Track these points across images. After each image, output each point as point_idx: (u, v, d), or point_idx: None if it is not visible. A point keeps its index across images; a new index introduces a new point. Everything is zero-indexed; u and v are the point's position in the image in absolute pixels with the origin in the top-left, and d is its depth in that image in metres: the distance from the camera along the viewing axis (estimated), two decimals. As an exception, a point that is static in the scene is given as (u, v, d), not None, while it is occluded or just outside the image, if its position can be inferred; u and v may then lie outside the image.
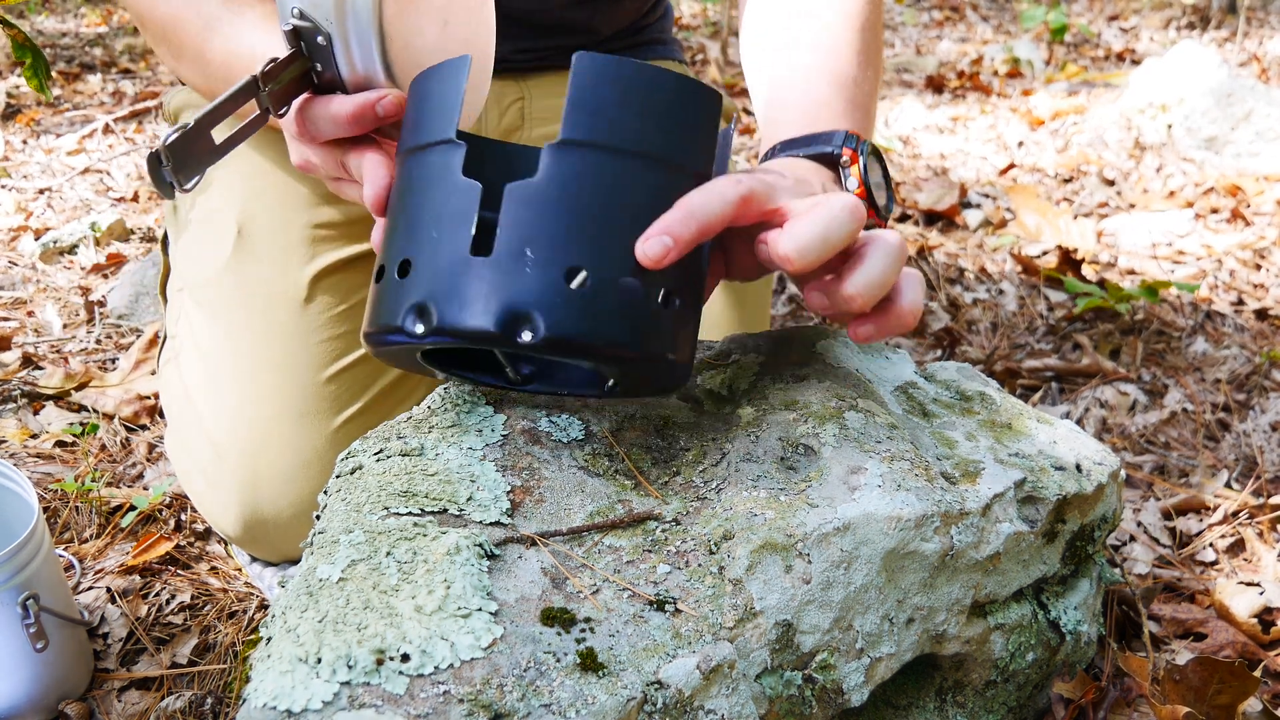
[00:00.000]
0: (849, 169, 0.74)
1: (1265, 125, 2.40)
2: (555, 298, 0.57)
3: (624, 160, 0.59)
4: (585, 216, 0.58)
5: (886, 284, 0.61)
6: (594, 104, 0.58)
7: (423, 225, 0.59)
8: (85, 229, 1.78)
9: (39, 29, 3.44)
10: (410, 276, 0.59)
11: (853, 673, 0.61)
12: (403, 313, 0.58)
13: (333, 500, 0.63)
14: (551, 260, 0.57)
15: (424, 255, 0.59)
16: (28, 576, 0.81)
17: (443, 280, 0.57)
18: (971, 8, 4.66)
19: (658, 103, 0.60)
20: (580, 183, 0.58)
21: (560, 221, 0.57)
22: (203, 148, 0.67)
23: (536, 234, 0.57)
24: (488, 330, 0.56)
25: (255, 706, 0.49)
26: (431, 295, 0.58)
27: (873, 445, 0.66)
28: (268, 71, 0.66)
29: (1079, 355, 1.53)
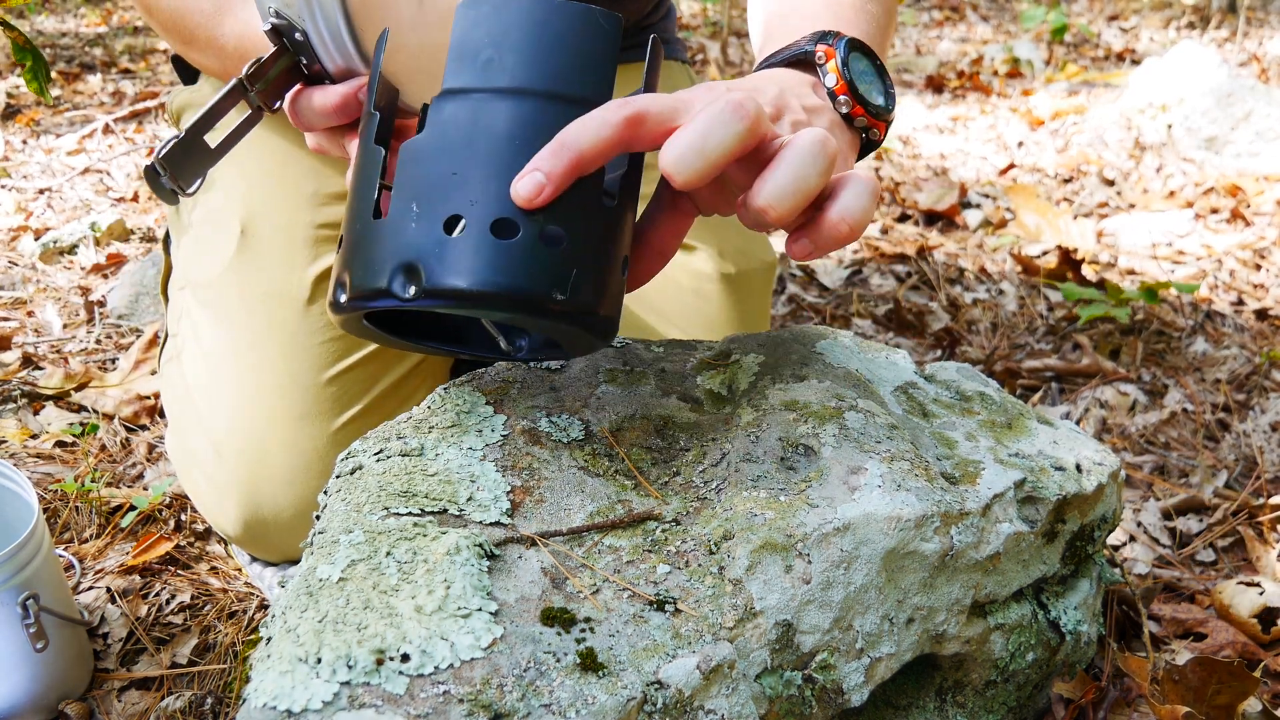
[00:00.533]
0: (825, 65, 0.67)
1: (1265, 125, 2.40)
2: (434, 248, 0.55)
3: (501, 100, 0.57)
4: (466, 163, 0.56)
5: (805, 190, 0.54)
6: (470, 48, 0.58)
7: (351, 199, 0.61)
8: (85, 229, 1.78)
9: (39, 29, 3.43)
10: (340, 249, 0.60)
11: (853, 673, 0.61)
12: (333, 285, 0.60)
13: (333, 500, 0.63)
14: (433, 211, 0.56)
15: (346, 226, 0.60)
16: (28, 576, 0.81)
17: (354, 248, 0.58)
18: (971, 8, 4.66)
19: (537, 35, 0.58)
20: (457, 130, 0.57)
21: (441, 171, 0.56)
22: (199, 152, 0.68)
23: (421, 188, 0.56)
24: (379, 288, 0.56)
25: (255, 706, 0.49)
26: (346, 264, 0.59)
27: (873, 445, 0.66)
28: (253, 72, 0.68)
29: (1079, 355, 1.53)
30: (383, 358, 0.98)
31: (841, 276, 1.81)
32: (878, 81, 0.69)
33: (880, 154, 2.51)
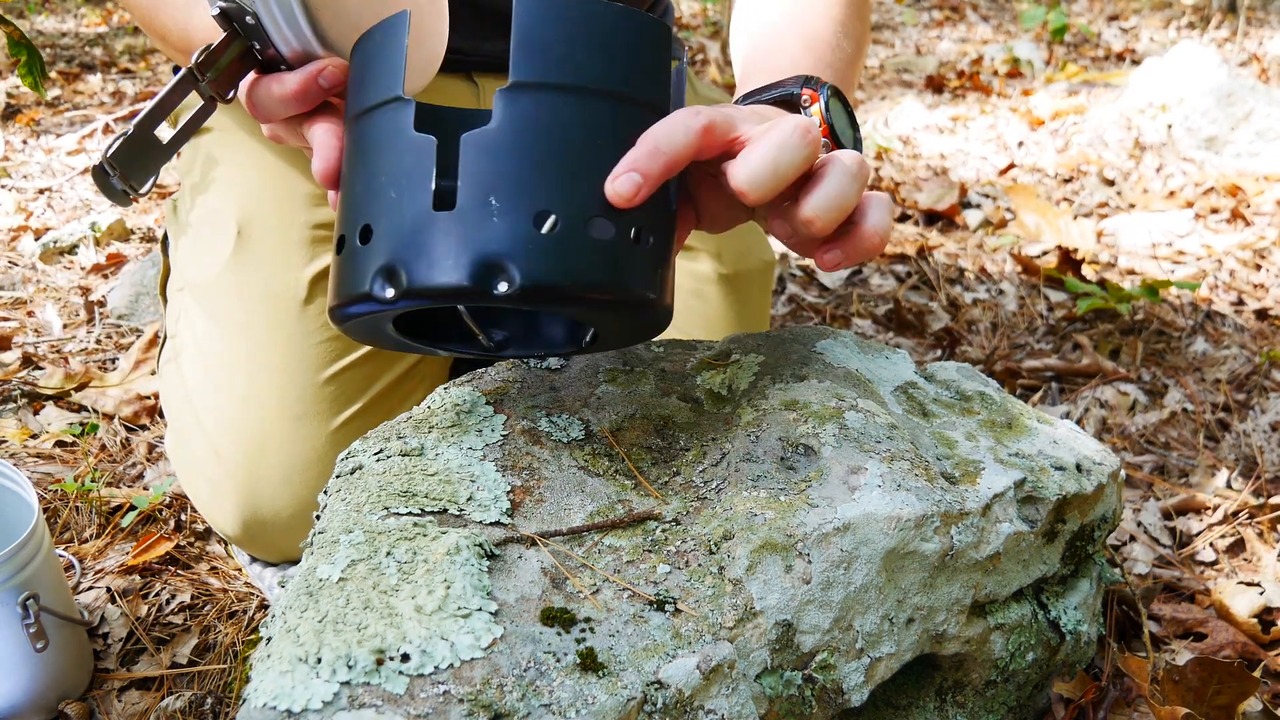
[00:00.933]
0: (809, 108, 0.71)
1: (1265, 125, 2.40)
2: (527, 244, 0.55)
3: (577, 98, 0.57)
4: (547, 158, 0.56)
5: (846, 204, 0.58)
6: (540, 43, 0.57)
7: (379, 188, 0.57)
8: (85, 229, 1.78)
9: (39, 29, 3.43)
10: (373, 241, 0.57)
11: (853, 673, 0.61)
12: (369, 278, 0.56)
13: (333, 500, 0.63)
14: (518, 206, 0.55)
15: (385, 217, 0.57)
16: (28, 576, 0.81)
17: (407, 240, 0.55)
18: (971, 8, 4.66)
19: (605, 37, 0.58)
20: (537, 125, 0.56)
21: (522, 166, 0.55)
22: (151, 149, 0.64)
23: (498, 181, 0.55)
24: (461, 285, 0.54)
25: (255, 706, 0.49)
26: (397, 257, 0.56)
27: (873, 445, 0.66)
28: (203, 61, 0.64)
29: (1079, 355, 1.53)
30: (380, 357, 0.98)
31: (841, 276, 1.81)
32: (850, 129, 0.74)
33: (880, 154, 2.52)
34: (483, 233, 0.55)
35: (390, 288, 0.56)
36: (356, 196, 0.59)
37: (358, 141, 0.60)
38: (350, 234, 0.58)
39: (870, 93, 3.16)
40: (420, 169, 0.56)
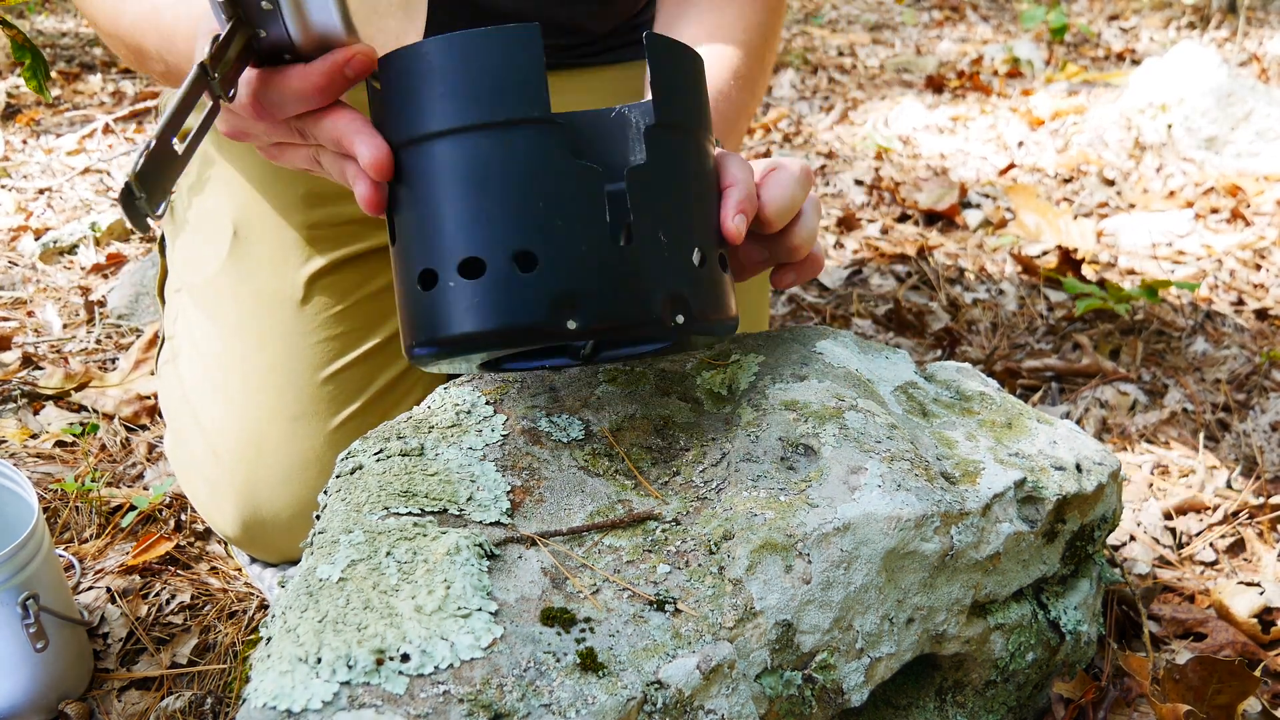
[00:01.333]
0: None
1: (1265, 125, 2.40)
2: (693, 279, 0.59)
3: (693, 137, 0.62)
4: (689, 196, 0.60)
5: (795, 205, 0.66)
6: (671, 86, 0.60)
7: (535, 213, 0.55)
8: (85, 229, 1.78)
9: (39, 29, 3.43)
10: (540, 270, 0.55)
11: (853, 673, 0.61)
12: (543, 308, 0.55)
13: (333, 500, 0.63)
14: (682, 243, 0.59)
15: (552, 246, 0.55)
16: (28, 576, 0.81)
17: (591, 272, 0.56)
18: (971, 7, 4.65)
19: (699, 77, 0.63)
20: (680, 164, 0.60)
21: (677, 203, 0.59)
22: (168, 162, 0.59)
23: (664, 218, 0.58)
24: (648, 319, 0.57)
25: (255, 706, 0.49)
26: (577, 289, 0.56)
27: (873, 445, 0.66)
28: (215, 54, 0.57)
29: (1079, 355, 1.53)
30: (378, 357, 0.98)
31: (841, 276, 1.81)
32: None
33: (880, 154, 2.52)
34: (662, 269, 0.58)
35: (575, 320, 0.56)
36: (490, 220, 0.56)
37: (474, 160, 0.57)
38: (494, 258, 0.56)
39: (870, 93, 3.16)
40: (591, 199, 0.56)
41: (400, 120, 0.58)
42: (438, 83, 0.57)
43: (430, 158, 0.57)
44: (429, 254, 0.58)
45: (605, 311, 0.56)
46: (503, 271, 0.56)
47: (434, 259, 0.57)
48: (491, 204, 0.56)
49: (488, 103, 0.56)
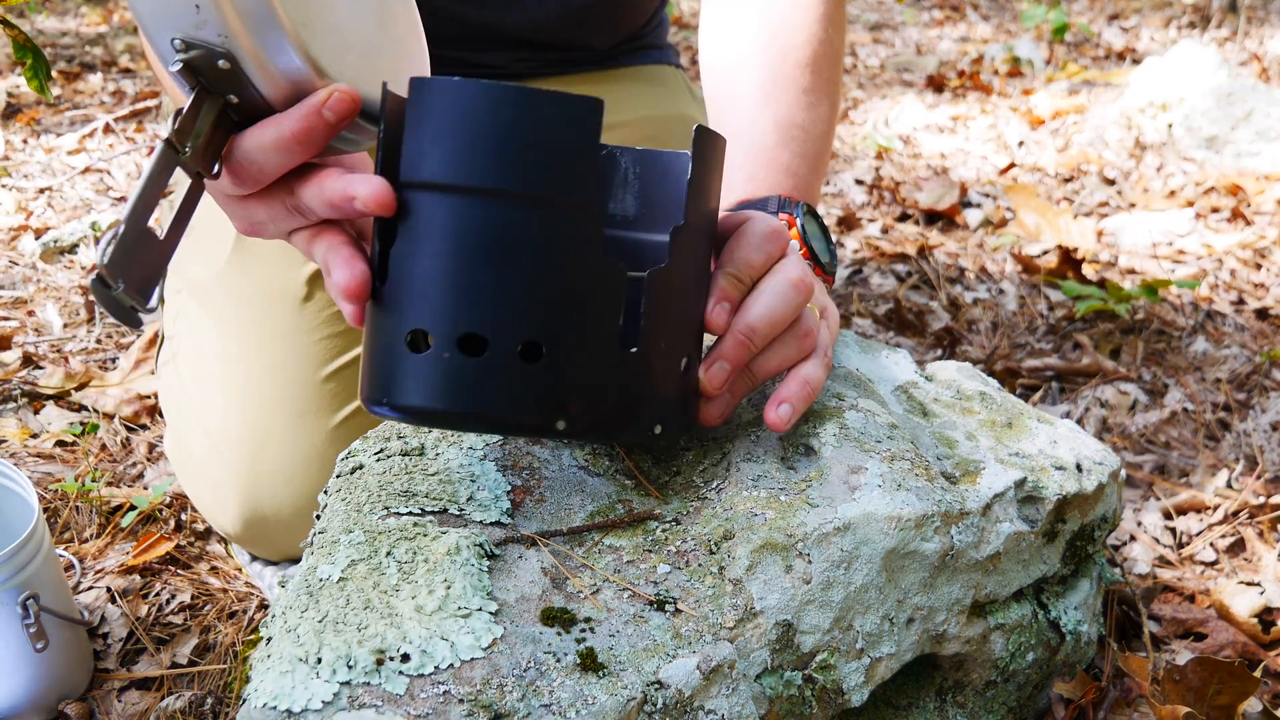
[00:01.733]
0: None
1: (1265, 125, 2.39)
2: (677, 390, 0.58)
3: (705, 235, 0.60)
4: (690, 301, 0.58)
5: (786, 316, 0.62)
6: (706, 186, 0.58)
7: (549, 302, 0.52)
8: (85, 228, 1.78)
9: (39, 28, 3.43)
10: (544, 364, 0.52)
11: (853, 673, 0.61)
12: (539, 405, 0.52)
13: (333, 500, 0.63)
14: (676, 352, 0.57)
15: (561, 343, 0.52)
16: (28, 576, 0.81)
17: (591, 377, 0.53)
18: (972, 7, 4.65)
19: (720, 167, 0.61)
20: (691, 267, 0.58)
21: (681, 311, 0.57)
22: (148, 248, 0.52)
23: (668, 325, 0.56)
24: (633, 430, 0.56)
25: (255, 706, 0.49)
26: (576, 391, 0.53)
27: (873, 445, 0.66)
28: (179, 127, 0.53)
29: (1079, 355, 1.53)
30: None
31: (842, 276, 1.81)
32: (823, 240, 0.80)
33: (880, 153, 2.52)
34: (656, 379, 0.56)
35: (564, 421, 0.53)
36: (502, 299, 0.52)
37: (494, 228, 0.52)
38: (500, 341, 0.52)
39: (870, 92, 3.16)
40: (613, 301, 0.53)
41: (426, 158, 0.52)
42: (483, 131, 0.51)
43: (453, 212, 0.52)
44: (426, 315, 0.52)
45: (596, 420, 0.54)
46: (505, 359, 0.52)
47: (431, 323, 0.52)
48: (510, 281, 0.52)
49: (535, 172, 0.51)
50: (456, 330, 0.52)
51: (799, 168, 0.83)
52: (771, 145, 0.84)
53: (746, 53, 0.89)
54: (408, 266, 0.53)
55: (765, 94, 0.86)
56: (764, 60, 0.88)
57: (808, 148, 0.85)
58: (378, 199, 0.52)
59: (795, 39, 0.88)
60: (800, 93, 0.86)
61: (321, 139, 0.54)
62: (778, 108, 0.85)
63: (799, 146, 0.84)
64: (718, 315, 0.59)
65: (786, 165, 0.83)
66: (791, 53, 0.88)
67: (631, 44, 1.17)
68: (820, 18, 0.89)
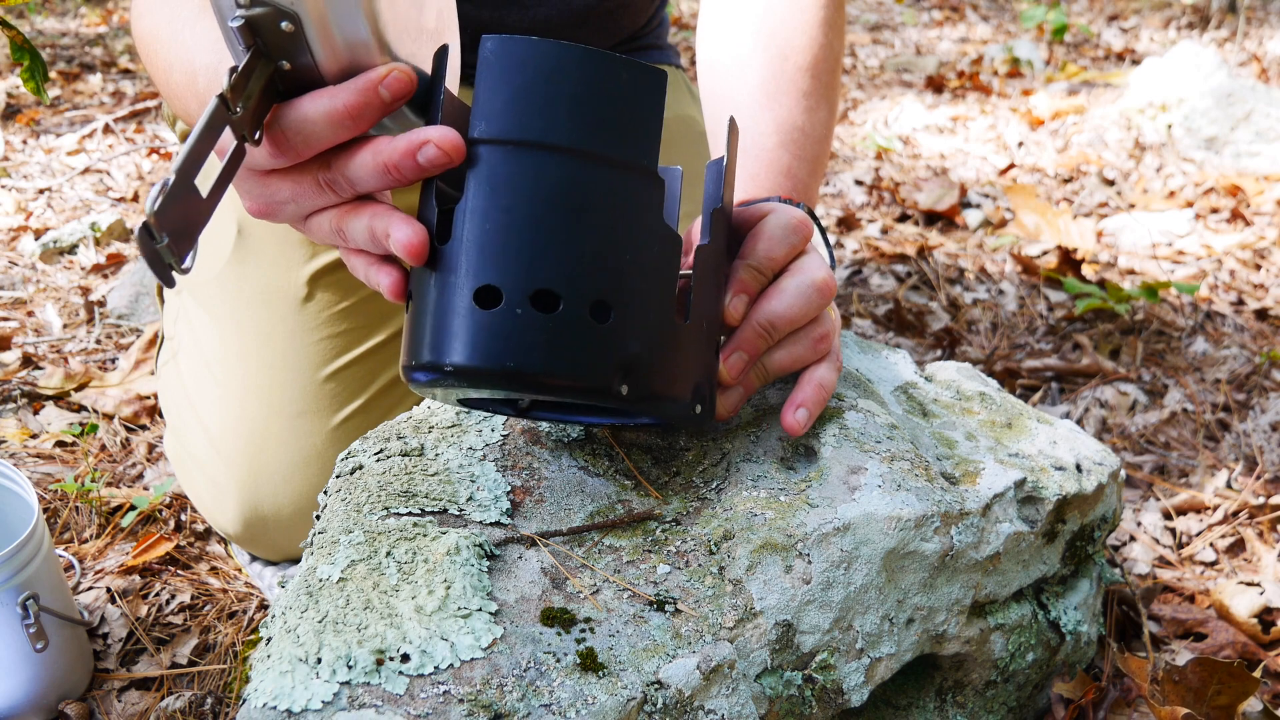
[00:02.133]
0: None
1: (1265, 125, 2.40)
2: (711, 373, 0.59)
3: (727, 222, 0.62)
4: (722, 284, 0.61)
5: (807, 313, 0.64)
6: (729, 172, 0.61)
7: (621, 266, 0.52)
8: (85, 229, 1.78)
9: (39, 29, 3.43)
10: (612, 325, 0.52)
11: (853, 673, 0.61)
12: (610, 368, 0.52)
13: (333, 500, 0.63)
14: (711, 330, 0.59)
15: (631, 307, 0.52)
16: (28, 576, 0.81)
17: (654, 344, 0.54)
18: (971, 7, 4.65)
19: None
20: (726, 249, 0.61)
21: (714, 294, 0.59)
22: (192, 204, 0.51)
23: (707, 305, 0.58)
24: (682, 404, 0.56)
25: (255, 706, 0.49)
26: (642, 359, 0.53)
27: (873, 445, 0.66)
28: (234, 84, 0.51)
29: (1079, 355, 1.53)
30: (380, 355, 0.98)
31: (841, 277, 1.81)
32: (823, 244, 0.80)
33: (880, 154, 2.52)
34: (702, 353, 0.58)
35: (628, 385, 0.53)
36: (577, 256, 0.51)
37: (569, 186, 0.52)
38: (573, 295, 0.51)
39: (870, 93, 3.16)
40: (671, 270, 0.54)
41: (504, 116, 0.52)
42: (563, 91, 0.51)
43: (528, 167, 0.51)
44: (498, 271, 0.51)
45: (653, 388, 0.53)
46: (577, 316, 0.51)
47: (503, 278, 0.51)
48: (584, 239, 0.51)
49: (610, 135, 0.52)
50: (531, 285, 0.51)
51: (798, 170, 0.84)
52: (771, 147, 0.84)
53: (746, 53, 0.89)
54: (478, 222, 0.51)
55: (765, 96, 0.86)
56: (764, 62, 0.88)
57: (807, 151, 0.85)
58: (453, 144, 0.51)
59: (795, 43, 0.88)
60: (800, 96, 0.87)
61: (374, 116, 0.53)
62: (778, 110, 0.86)
63: (798, 149, 0.85)
64: (735, 306, 0.60)
65: (786, 167, 0.83)
66: (792, 56, 0.88)
67: (632, 44, 1.18)
68: (820, 22, 0.89)
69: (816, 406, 0.64)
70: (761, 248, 0.62)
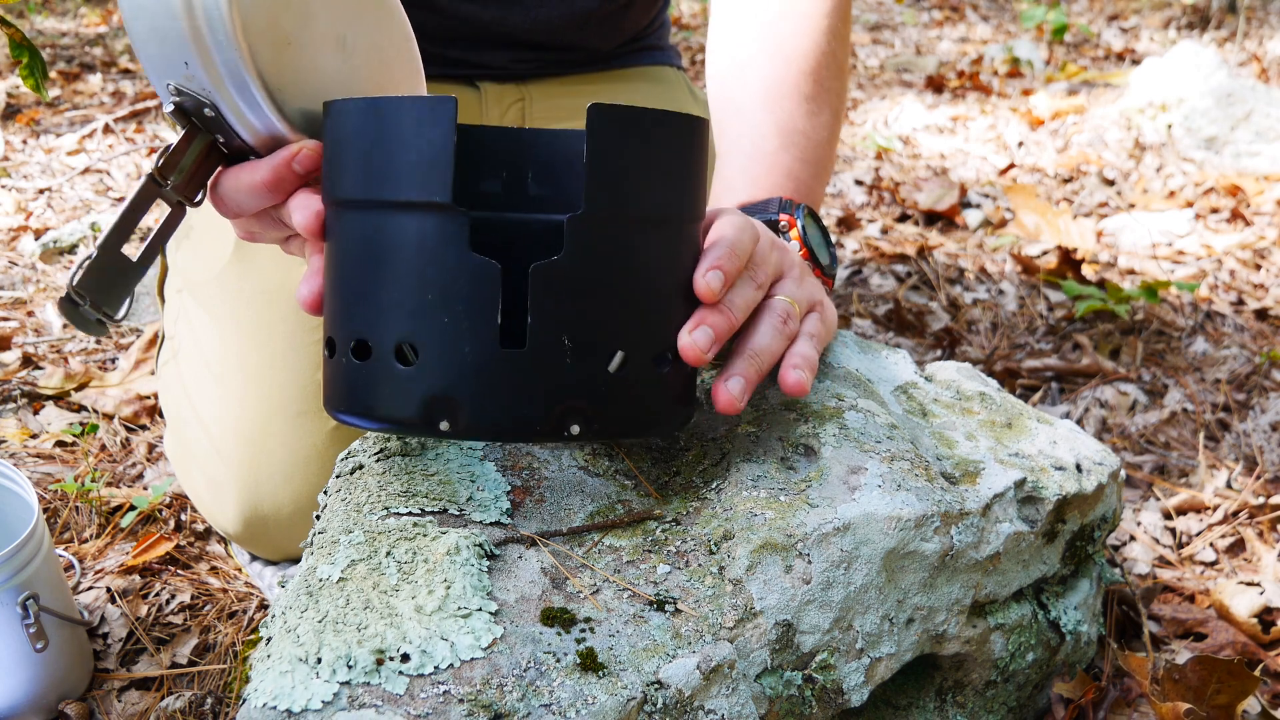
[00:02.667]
0: (788, 234, 0.78)
1: (1265, 125, 2.40)
2: (599, 388, 0.54)
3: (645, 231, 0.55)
4: (620, 294, 0.55)
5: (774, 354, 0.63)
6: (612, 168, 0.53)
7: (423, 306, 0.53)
8: (85, 229, 1.78)
9: (39, 29, 3.43)
10: (420, 366, 0.53)
11: (853, 673, 0.61)
12: (417, 405, 0.53)
13: (333, 500, 0.63)
14: (593, 347, 0.54)
15: (434, 342, 0.53)
16: (28, 576, 0.81)
17: (469, 375, 0.53)
18: (971, 7, 4.66)
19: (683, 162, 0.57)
20: (611, 260, 0.54)
21: (599, 302, 0.54)
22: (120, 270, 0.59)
23: (574, 319, 0.53)
24: (531, 429, 0.54)
25: (255, 706, 0.49)
26: (455, 390, 0.53)
27: (873, 445, 0.66)
28: (164, 163, 0.60)
29: (1079, 355, 1.53)
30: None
31: (842, 277, 1.81)
32: (823, 243, 0.80)
33: (880, 154, 2.52)
34: (557, 377, 0.53)
35: (447, 421, 0.53)
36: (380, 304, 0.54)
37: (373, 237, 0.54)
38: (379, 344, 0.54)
39: (870, 92, 3.16)
40: (485, 299, 0.52)
41: (325, 178, 0.57)
42: (352, 146, 0.54)
43: (340, 225, 0.56)
44: (331, 323, 0.57)
45: (481, 419, 0.54)
46: (384, 361, 0.54)
47: (334, 331, 0.57)
48: (383, 288, 0.54)
49: (391, 179, 0.53)
50: (349, 338, 0.56)
51: (800, 172, 0.84)
52: (773, 150, 0.84)
53: (748, 56, 0.89)
54: (326, 282, 0.58)
55: (766, 98, 0.86)
56: (767, 66, 0.88)
57: (809, 153, 0.85)
58: (305, 226, 0.58)
59: (799, 49, 0.88)
60: (802, 99, 0.87)
61: (291, 187, 0.60)
62: (779, 113, 0.86)
63: (800, 151, 0.85)
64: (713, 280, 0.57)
65: (788, 169, 0.83)
66: (795, 61, 0.88)
67: (633, 45, 1.18)
68: (825, 30, 0.89)
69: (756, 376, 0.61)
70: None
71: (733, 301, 0.59)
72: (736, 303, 0.60)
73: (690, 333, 0.57)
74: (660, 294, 0.57)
